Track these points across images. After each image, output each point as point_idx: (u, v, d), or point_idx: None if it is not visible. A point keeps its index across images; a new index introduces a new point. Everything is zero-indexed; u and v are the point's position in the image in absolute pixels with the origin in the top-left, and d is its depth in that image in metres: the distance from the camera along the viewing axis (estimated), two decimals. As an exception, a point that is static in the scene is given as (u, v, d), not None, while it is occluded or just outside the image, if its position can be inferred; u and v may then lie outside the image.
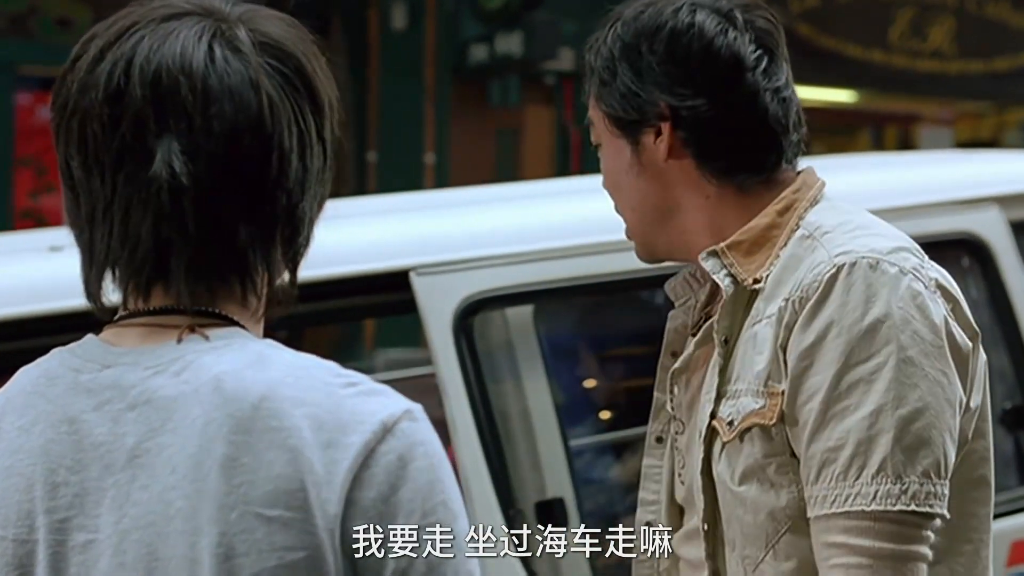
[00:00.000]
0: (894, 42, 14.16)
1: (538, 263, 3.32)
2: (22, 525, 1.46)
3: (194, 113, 1.44)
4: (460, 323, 3.21)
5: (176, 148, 1.44)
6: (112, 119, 1.46)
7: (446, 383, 3.16)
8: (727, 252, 2.10)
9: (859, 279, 1.97)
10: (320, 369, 1.46)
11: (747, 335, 2.07)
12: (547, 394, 3.49)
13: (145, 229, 1.45)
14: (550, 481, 3.43)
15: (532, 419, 3.46)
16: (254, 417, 1.40)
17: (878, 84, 14.26)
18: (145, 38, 1.47)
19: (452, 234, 3.43)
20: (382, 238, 3.42)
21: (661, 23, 2.13)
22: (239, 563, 1.38)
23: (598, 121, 2.19)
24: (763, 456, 2.02)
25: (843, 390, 1.95)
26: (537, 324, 3.54)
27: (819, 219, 2.10)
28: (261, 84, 1.46)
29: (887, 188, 3.88)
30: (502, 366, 3.49)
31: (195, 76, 1.45)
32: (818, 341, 1.97)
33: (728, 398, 2.07)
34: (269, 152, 1.46)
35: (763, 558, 2.03)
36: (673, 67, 2.12)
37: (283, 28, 1.52)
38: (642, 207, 2.18)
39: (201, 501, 1.39)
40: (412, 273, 3.22)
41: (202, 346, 1.46)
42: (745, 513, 2.04)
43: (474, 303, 3.25)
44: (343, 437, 1.40)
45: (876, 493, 1.92)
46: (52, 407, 1.48)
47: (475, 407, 3.17)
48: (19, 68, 10.42)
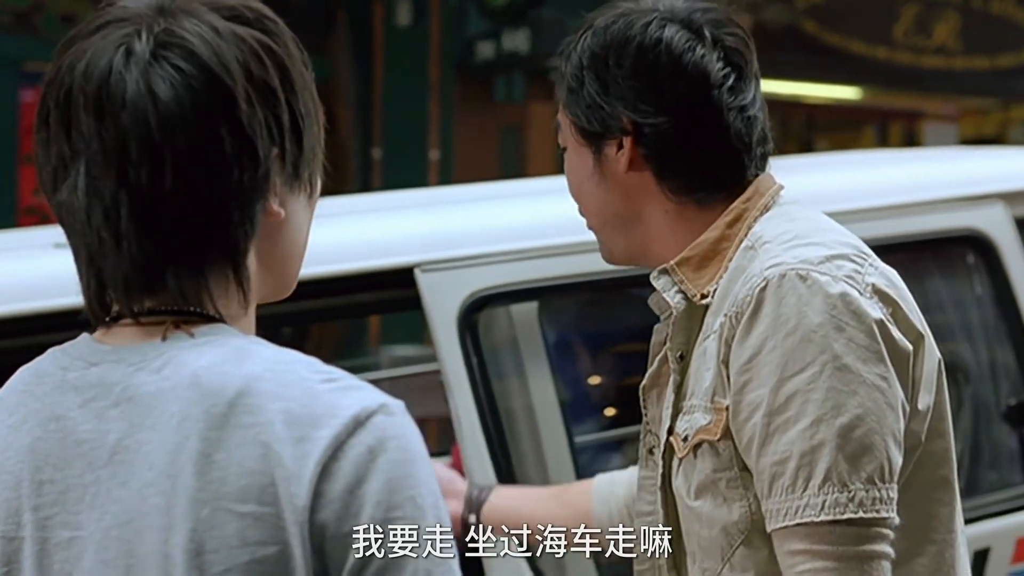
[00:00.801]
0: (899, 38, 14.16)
1: (543, 260, 3.32)
2: (10, 522, 1.47)
3: (90, 131, 1.45)
4: (465, 320, 3.21)
5: (83, 170, 1.45)
6: (43, 145, 1.50)
7: (451, 380, 3.16)
8: (676, 269, 2.12)
9: (789, 291, 1.96)
10: (300, 364, 1.45)
11: (699, 351, 2.09)
12: (552, 391, 3.49)
13: (82, 249, 1.48)
14: (555, 478, 3.42)
15: (537, 416, 3.46)
16: (229, 413, 1.40)
17: (883, 81, 14.26)
18: (67, 59, 1.49)
19: (457, 231, 3.42)
20: (387, 235, 3.42)
21: (630, 36, 2.13)
22: (209, 559, 1.38)
23: (565, 126, 2.21)
24: (713, 471, 2.03)
25: (782, 402, 1.94)
26: (542, 321, 3.53)
27: (763, 229, 2.10)
28: (154, 90, 1.44)
29: (891, 185, 3.88)
30: (507, 363, 3.48)
31: (90, 94, 1.45)
32: (754, 355, 1.97)
33: (684, 413, 2.09)
34: (166, 158, 1.44)
35: (720, 571, 2.04)
36: (638, 82, 2.12)
37: (196, 21, 1.48)
38: (603, 214, 2.21)
39: (175, 497, 1.39)
40: (417, 270, 3.22)
41: (185, 343, 1.46)
42: (701, 527, 2.06)
43: (479, 300, 3.25)
44: (314, 431, 1.40)
45: (824, 503, 1.92)
46: (40, 405, 1.49)
47: (480, 404, 3.17)
48: (24, 64, 10.43)
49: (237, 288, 1.51)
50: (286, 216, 1.54)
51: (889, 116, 15.36)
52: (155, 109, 1.44)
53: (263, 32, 1.52)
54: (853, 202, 3.60)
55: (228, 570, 1.38)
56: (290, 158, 1.52)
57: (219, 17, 1.50)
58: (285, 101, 1.51)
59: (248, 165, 1.47)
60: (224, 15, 1.50)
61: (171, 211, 1.45)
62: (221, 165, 1.46)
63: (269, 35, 1.52)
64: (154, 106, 1.44)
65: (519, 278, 3.32)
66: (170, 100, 1.44)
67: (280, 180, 1.52)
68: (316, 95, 1.58)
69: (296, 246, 1.59)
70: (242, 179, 1.47)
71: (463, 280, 3.23)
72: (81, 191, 1.45)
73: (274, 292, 1.60)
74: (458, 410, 3.15)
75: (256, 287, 1.54)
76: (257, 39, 1.50)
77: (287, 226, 1.55)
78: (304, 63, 1.56)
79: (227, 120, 1.46)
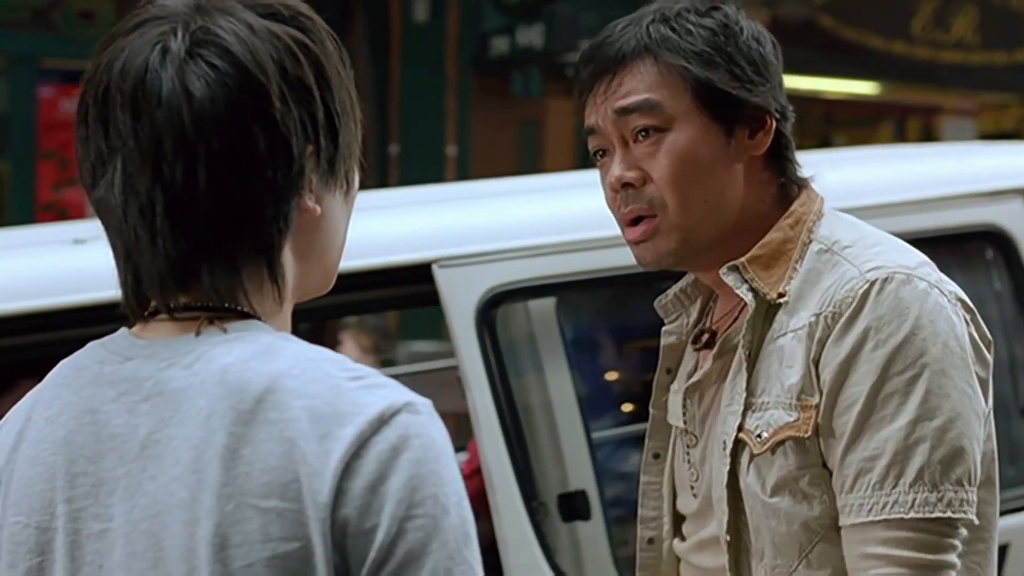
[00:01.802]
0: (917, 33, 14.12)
1: (560, 255, 3.32)
2: (44, 513, 1.48)
3: (126, 129, 1.46)
4: (483, 315, 3.21)
5: (119, 166, 1.46)
6: (82, 143, 1.50)
7: (469, 375, 3.16)
8: (747, 267, 2.11)
9: (892, 293, 2.00)
10: (327, 362, 1.46)
11: (770, 348, 2.09)
12: (570, 386, 3.49)
13: (119, 245, 1.49)
14: (573, 473, 3.43)
15: (555, 411, 3.46)
16: (255, 409, 1.41)
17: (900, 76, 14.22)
18: (105, 57, 1.49)
19: (474, 226, 3.43)
20: (404, 231, 3.42)
21: (757, 30, 2.15)
22: (232, 553, 1.39)
23: (679, 105, 2.11)
24: (797, 468, 2.04)
25: (880, 401, 1.98)
26: (559, 316, 3.54)
27: (832, 233, 2.13)
28: (189, 87, 1.45)
29: (910, 180, 3.87)
30: (525, 358, 3.48)
31: (126, 92, 1.46)
32: (854, 354, 2.00)
33: (754, 411, 2.09)
34: (200, 156, 1.45)
35: (796, 567, 2.06)
36: (773, 70, 2.15)
37: (232, 19, 1.49)
38: (718, 199, 2.13)
39: (201, 491, 1.40)
40: (435, 265, 3.22)
41: (217, 339, 1.47)
42: (778, 524, 2.06)
43: (497, 295, 3.25)
44: (338, 428, 1.40)
45: (914, 501, 1.95)
46: (76, 398, 1.50)
47: (498, 399, 3.17)
48: (42, 61, 10.45)
49: (272, 284, 1.51)
50: (322, 212, 1.54)
51: (907, 111, 15.32)
52: (189, 107, 1.44)
53: (299, 29, 1.52)
54: (872, 198, 3.60)
55: (250, 565, 1.38)
56: (325, 155, 1.53)
57: (255, 15, 1.50)
58: (320, 98, 1.51)
59: (282, 162, 1.48)
60: (260, 12, 1.51)
61: (205, 208, 1.46)
62: (255, 163, 1.47)
63: (305, 32, 1.53)
64: (188, 104, 1.44)
65: (537, 274, 3.32)
66: (204, 98, 1.45)
67: (315, 177, 1.52)
68: (354, 91, 1.58)
69: (333, 242, 1.59)
70: (276, 176, 1.48)
71: (481, 276, 3.24)
72: (118, 188, 1.47)
73: (313, 288, 1.60)
74: (476, 405, 3.16)
75: (292, 284, 1.55)
76: (292, 36, 1.51)
77: (323, 222, 1.55)
78: (341, 59, 1.56)
79: (261, 118, 1.47)
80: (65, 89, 10.20)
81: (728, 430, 2.11)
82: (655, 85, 2.11)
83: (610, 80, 2.13)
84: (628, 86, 2.12)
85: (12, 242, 3.65)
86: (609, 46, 2.14)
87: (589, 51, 2.18)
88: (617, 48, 2.13)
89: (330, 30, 1.57)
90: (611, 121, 2.13)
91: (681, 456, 2.26)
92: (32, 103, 10.46)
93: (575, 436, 3.47)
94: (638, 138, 2.12)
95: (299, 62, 1.50)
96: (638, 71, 2.11)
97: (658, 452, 2.32)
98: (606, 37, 2.16)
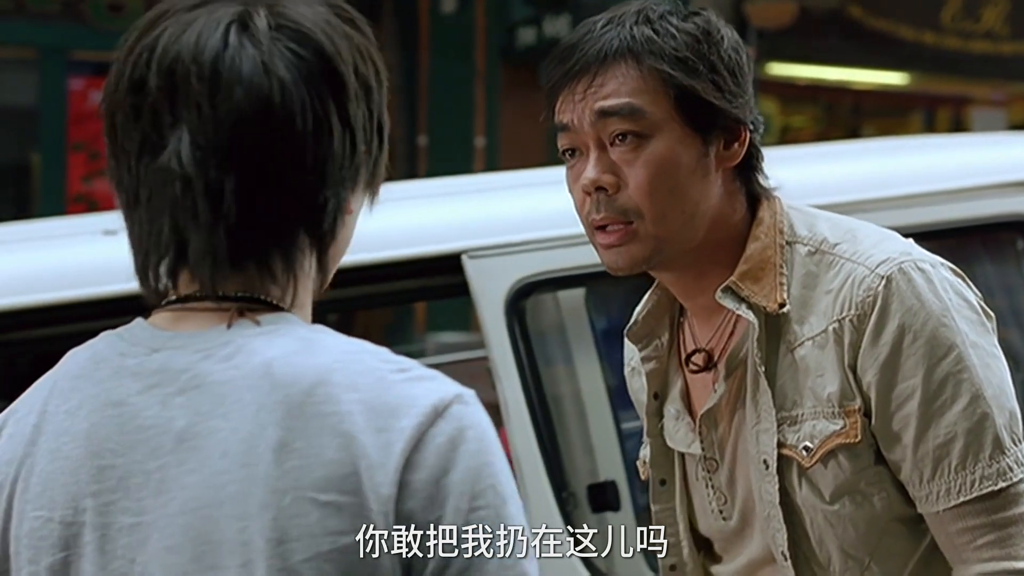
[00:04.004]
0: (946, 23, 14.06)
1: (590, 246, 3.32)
2: (68, 507, 1.47)
3: (202, 102, 1.44)
4: (512, 306, 3.21)
5: (186, 139, 1.44)
6: (134, 109, 1.48)
7: (498, 366, 3.17)
8: (740, 285, 2.09)
9: (910, 283, 2.02)
10: (370, 355, 1.46)
11: (788, 360, 2.08)
12: (599, 377, 3.49)
13: (167, 219, 1.47)
14: (602, 464, 3.43)
15: (584, 402, 3.47)
16: (306, 402, 1.41)
17: (930, 66, 14.17)
18: (167, 29, 1.48)
19: (504, 217, 3.43)
20: (434, 221, 3.42)
21: (736, 39, 2.13)
22: (292, 547, 1.39)
23: (659, 112, 2.07)
24: (853, 473, 2.06)
25: (935, 387, 2.01)
26: (589, 307, 3.54)
27: (815, 233, 2.12)
28: (273, 69, 1.45)
29: (939, 170, 3.86)
30: (554, 349, 3.49)
31: (204, 64, 1.45)
32: (895, 351, 2.01)
33: (790, 425, 2.08)
34: (280, 138, 1.45)
35: (868, 564, 2.08)
36: (747, 79, 2.13)
37: (310, 11, 1.51)
38: (694, 209, 2.08)
39: (253, 485, 1.40)
40: (464, 256, 3.23)
41: (251, 331, 1.47)
42: (844, 530, 2.08)
43: (526, 286, 3.25)
44: (395, 421, 1.41)
45: (998, 471, 2.01)
46: (98, 390, 1.49)
47: (527, 390, 3.17)
48: (72, 53, 10.49)
49: (319, 275, 1.53)
50: (351, 214, 1.55)
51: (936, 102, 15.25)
52: (273, 88, 1.45)
53: (360, 33, 1.54)
54: (902, 188, 3.59)
55: (311, 558, 1.38)
56: (372, 158, 1.54)
57: (328, 11, 1.52)
58: (377, 103, 1.54)
59: (348, 156, 1.49)
60: (333, 9, 1.53)
61: (275, 193, 1.46)
62: (329, 152, 1.48)
63: (365, 36, 1.55)
64: (273, 85, 1.45)
65: (566, 264, 3.32)
66: (288, 81, 1.45)
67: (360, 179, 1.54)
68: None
69: (348, 244, 1.60)
70: (342, 168, 1.49)
71: (510, 266, 3.24)
72: (186, 159, 1.44)
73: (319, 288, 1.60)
74: (505, 396, 3.16)
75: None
76: (359, 36, 1.53)
77: (349, 223, 1.56)
78: (387, 70, 1.58)
79: (338, 108, 1.48)
80: (95, 81, 10.24)
81: (766, 449, 2.09)
82: (637, 90, 2.06)
83: (590, 79, 2.07)
84: (609, 87, 2.06)
85: (43, 233, 3.66)
86: (590, 44, 2.09)
87: (567, 47, 2.12)
88: (599, 47, 2.07)
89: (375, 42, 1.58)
90: (589, 122, 2.08)
91: (701, 483, 2.23)
92: (62, 95, 10.50)
93: (605, 427, 3.47)
94: (615, 142, 2.07)
95: (367, 63, 1.52)
96: (620, 73, 2.06)
97: (664, 479, 2.29)
98: (586, 34, 2.11)
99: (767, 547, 2.13)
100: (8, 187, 11.17)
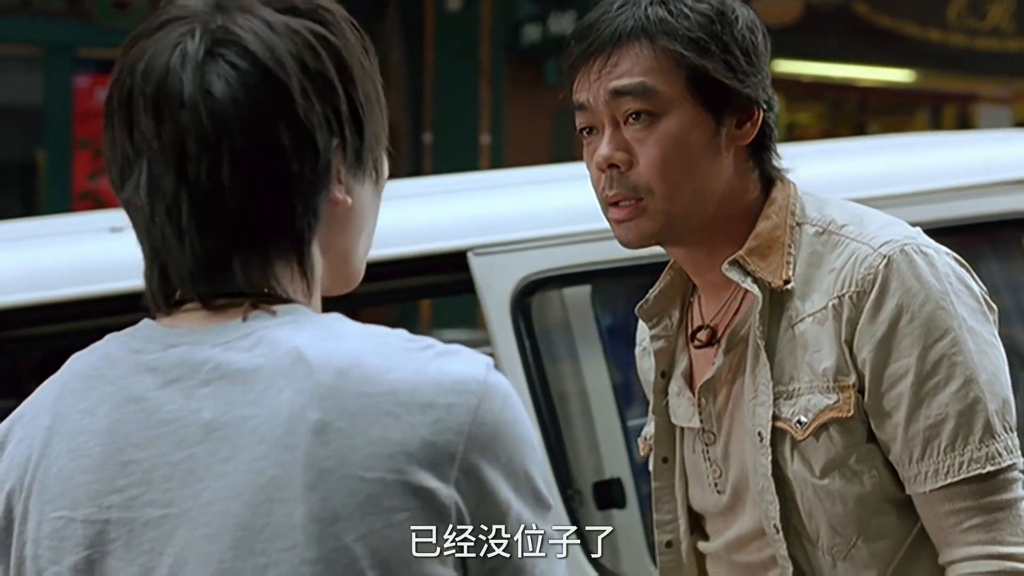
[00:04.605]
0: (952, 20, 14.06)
1: (596, 243, 3.32)
2: (91, 505, 1.46)
3: (150, 133, 1.46)
4: (518, 303, 3.21)
5: (145, 170, 1.47)
6: (114, 130, 1.50)
7: (504, 363, 3.17)
8: (747, 259, 2.13)
9: (911, 264, 2.05)
10: (392, 336, 1.47)
11: (788, 335, 2.12)
12: (605, 374, 3.49)
13: (146, 244, 1.50)
14: (608, 461, 3.43)
15: (590, 399, 3.47)
16: (343, 384, 1.41)
17: (936, 63, 14.17)
18: (133, 51, 1.50)
19: (509, 214, 3.43)
20: (439, 219, 3.42)
21: (751, 19, 2.16)
22: (343, 526, 1.39)
23: (671, 92, 2.11)
24: (843, 448, 2.08)
25: (929, 368, 2.04)
26: (595, 304, 3.54)
27: (823, 215, 2.16)
28: (209, 88, 1.45)
29: (945, 168, 3.85)
30: (560, 346, 3.49)
31: (148, 95, 1.46)
32: (891, 329, 2.04)
33: (787, 398, 2.11)
34: (229, 154, 1.45)
35: (855, 543, 2.10)
36: (763, 62, 2.16)
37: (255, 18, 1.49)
38: (705, 188, 2.13)
39: (295, 467, 1.40)
40: (470, 253, 3.23)
41: (270, 321, 1.47)
42: (833, 505, 2.10)
43: (532, 283, 3.25)
44: (438, 398, 1.42)
45: (986, 455, 2.03)
46: (115, 388, 1.49)
47: (533, 387, 3.17)
48: (77, 51, 10.50)
49: (301, 277, 1.51)
50: (352, 204, 1.55)
51: (942, 99, 15.25)
52: (210, 107, 1.45)
53: (318, 22, 1.52)
54: (908, 185, 3.58)
55: (363, 536, 1.39)
56: (352, 147, 1.53)
57: (272, 11, 1.50)
58: (343, 91, 1.51)
59: (308, 158, 1.48)
60: (278, 8, 1.51)
61: (232, 206, 1.46)
62: (280, 160, 1.47)
63: (324, 25, 1.52)
64: (209, 104, 1.45)
65: (572, 261, 3.32)
66: (225, 97, 1.45)
67: (344, 169, 1.53)
68: (378, 80, 1.58)
69: (363, 232, 1.60)
70: (303, 172, 1.48)
71: (516, 264, 3.24)
72: (143, 189, 1.47)
73: (341, 281, 1.61)
74: (511, 393, 3.15)
75: (321, 276, 1.55)
76: (312, 30, 1.51)
77: (354, 213, 1.56)
78: (364, 48, 1.56)
79: (284, 115, 1.47)
80: (100, 78, 10.26)
81: (761, 421, 2.12)
82: (650, 69, 2.11)
83: (605, 59, 2.12)
84: (623, 67, 2.11)
85: (49, 230, 3.67)
86: (606, 24, 2.13)
87: (584, 28, 2.16)
88: (614, 28, 2.12)
89: (352, 20, 1.57)
90: (604, 101, 2.13)
91: (698, 455, 2.26)
92: (67, 92, 10.52)
93: (610, 424, 3.47)
94: (629, 120, 2.12)
95: (319, 56, 1.50)
96: (634, 53, 2.11)
97: (666, 456, 2.33)
98: (603, 14, 2.15)
99: (758, 522, 2.17)
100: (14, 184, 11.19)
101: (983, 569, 2.03)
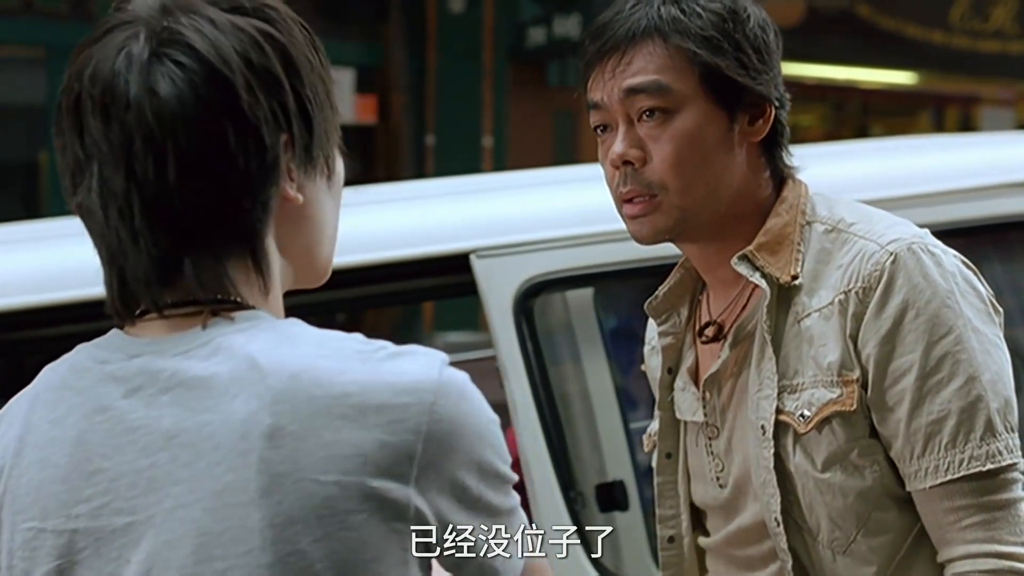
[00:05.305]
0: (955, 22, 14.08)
1: (598, 245, 3.32)
2: (60, 515, 1.48)
3: (99, 136, 1.47)
4: (520, 306, 3.21)
5: (96, 173, 1.48)
6: (65, 136, 1.52)
7: (506, 366, 3.16)
8: (756, 255, 2.15)
9: (918, 262, 2.07)
10: (347, 340, 1.48)
11: (794, 330, 2.14)
12: (607, 376, 3.49)
13: (103, 249, 1.51)
14: (610, 464, 3.43)
15: (592, 402, 3.46)
16: (295, 388, 1.42)
17: (939, 65, 14.19)
18: (80, 58, 1.51)
19: (512, 217, 3.42)
20: (441, 221, 3.42)
21: (763, 17, 2.18)
22: (298, 530, 1.40)
23: (685, 88, 2.14)
24: (845, 442, 2.10)
25: (933, 365, 2.05)
26: (597, 306, 3.53)
27: (833, 213, 2.19)
28: (155, 88, 1.46)
29: (949, 170, 3.85)
30: (562, 349, 3.49)
31: (96, 98, 1.47)
32: (896, 325, 2.06)
33: (790, 392, 2.12)
34: (175, 153, 1.45)
35: (855, 537, 2.11)
36: (775, 60, 2.18)
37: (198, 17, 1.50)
38: (718, 183, 2.15)
39: (249, 471, 1.41)
40: (472, 256, 3.22)
41: (228, 328, 1.48)
42: (833, 498, 2.11)
43: (534, 286, 3.25)
44: (394, 399, 1.43)
45: (987, 453, 2.04)
46: (82, 398, 1.50)
47: (535, 390, 3.17)
48: (80, 52, 10.49)
49: (257, 275, 1.52)
50: (305, 200, 1.55)
51: (945, 101, 15.26)
52: (155, 106, 1.45)
53: (264, 20, 1.53)
54: (914, 187, 3.58)
55: (319, 539, 1.40)
56: (300, 142, 1.53)
57: (218, 10, 1.51)
58: (290, 86, 1.52)
59: (255, 153, 1.49)
60: (223, 7, 1.52)
61: (181, 204, 1.46)
62: (226, 155, 1.47)
63: (270, 23, 1.53)
64: (154, 103, 1.46)
65: (574, 264, 3.31)
66: (170, 96, 1.46)
67: (294, 165, 1.53)
68: (327, 77, 1.59)
69: (321, 230, 1.60)
70: (249, 167, 1.48)
71: (519, 266, 3.24)
72: (95, 192, 1.48)
73: (303, 279, 1.62)
74: (513, 396, 3.16)
75: (280, 274, 1.56)
76: (257, 27, 1.51)
77: (307, 210, 1.56)
78: (313, 46, 1.57)
79: (229, 111, 1.47)
80: (103, 80, 10.25)
81: (765, 414, 2.13)
82: (664, 67, 2.13)
83: (619, 57, 2.15)
84: (637, 65, 2.14)
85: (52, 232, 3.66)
86: (620, 23, 2.16)
87: (599, 27, 2.20)
88: (628, 27, 2.15)
89: (298, 19, 1.58)
90: (618, 99, 2.16)
91: (701, 449, 2.28)
92: (70, 94, 10.50)
93: (613, 426, 3.47)
94: (643, 118, 2.15)
95: (265, 52, 1.50)
96: (647, 51, 2.14)
97: (670, 452, 2.35)
98: (616, 14, 2.18)
99: (759, 516, 2.18)
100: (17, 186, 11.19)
101: (981, 567, 2.04)
